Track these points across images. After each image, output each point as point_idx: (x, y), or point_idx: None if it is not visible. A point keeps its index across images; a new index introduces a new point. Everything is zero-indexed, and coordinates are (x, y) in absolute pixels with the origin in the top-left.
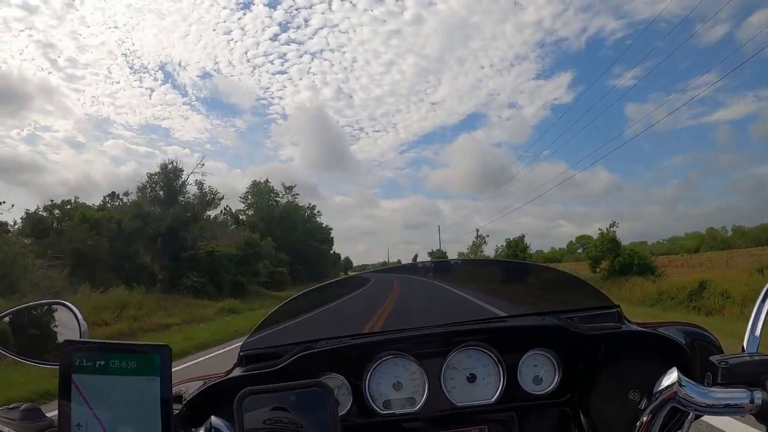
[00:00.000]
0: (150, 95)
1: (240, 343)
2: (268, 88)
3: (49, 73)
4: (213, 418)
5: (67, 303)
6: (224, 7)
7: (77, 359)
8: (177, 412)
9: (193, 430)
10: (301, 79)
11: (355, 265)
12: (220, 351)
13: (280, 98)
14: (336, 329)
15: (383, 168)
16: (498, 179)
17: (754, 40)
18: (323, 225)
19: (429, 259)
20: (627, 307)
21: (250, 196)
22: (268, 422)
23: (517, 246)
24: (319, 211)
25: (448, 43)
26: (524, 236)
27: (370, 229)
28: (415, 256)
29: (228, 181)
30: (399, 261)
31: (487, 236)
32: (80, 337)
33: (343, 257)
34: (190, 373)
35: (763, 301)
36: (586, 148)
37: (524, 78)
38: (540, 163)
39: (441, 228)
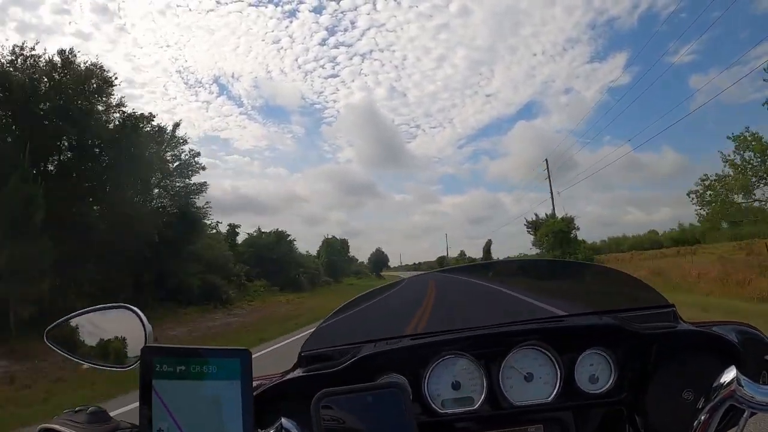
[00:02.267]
0: (207, 108)
1: None
2: (322, 92)
3: None
4: (284, 420)
5: (132, 307)
6: (270, 17)
7: (157, 364)
8: None
9: (260, 431)
10: (353, 80)
11: (410, 263)
12: None
13: (334, 101)
14: (392, 329)
15: (442, 164)
16: (560, 166)
17: None
18: None
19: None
20: None
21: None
22: (344, 423)
23: None
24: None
25: (498, 32)
26: None
27: (432, 225)
28: (488, 243)
29: (289, 185)
30: (462, 253)
31: None
32: (146, 340)
33: (372, 251)
34: None
35: None
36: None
37: (578, 62)
38: (603, 147)
39: (496, 226)
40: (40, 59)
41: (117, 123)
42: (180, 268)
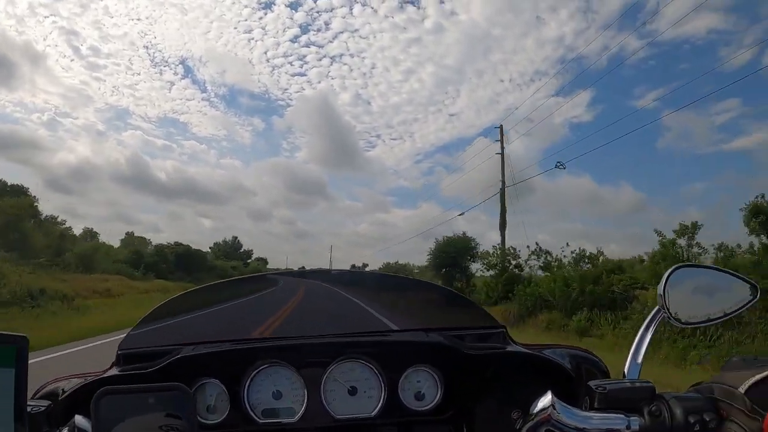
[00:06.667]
0: (170, 89)
1: None
2: (287, 89)
3: (72, 60)
4: (77, 416)
5: None
6: (246, 6)
7: None
8: (45, 408)
9: (60, 428)
10: (319, 81)
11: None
12: None
13: (298, 99)
14: (222, 332)
15: (398, 177)
16: (515, 193)
17: None
18: None
19: None
20: None
21: None
22: (125, 422)
23: None
24: None
25: (469, 55)
26: None
27: (383, 235)
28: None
29: (241, 177)
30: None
31: None
32: None
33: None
34: None
35: (647, 328)
36: (610, 160)
37: (543, 94)
38: (562, 177)
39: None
40: None
41: None
42: None
